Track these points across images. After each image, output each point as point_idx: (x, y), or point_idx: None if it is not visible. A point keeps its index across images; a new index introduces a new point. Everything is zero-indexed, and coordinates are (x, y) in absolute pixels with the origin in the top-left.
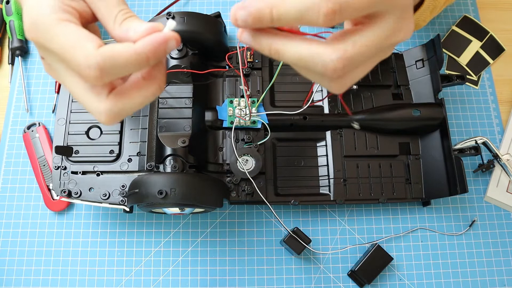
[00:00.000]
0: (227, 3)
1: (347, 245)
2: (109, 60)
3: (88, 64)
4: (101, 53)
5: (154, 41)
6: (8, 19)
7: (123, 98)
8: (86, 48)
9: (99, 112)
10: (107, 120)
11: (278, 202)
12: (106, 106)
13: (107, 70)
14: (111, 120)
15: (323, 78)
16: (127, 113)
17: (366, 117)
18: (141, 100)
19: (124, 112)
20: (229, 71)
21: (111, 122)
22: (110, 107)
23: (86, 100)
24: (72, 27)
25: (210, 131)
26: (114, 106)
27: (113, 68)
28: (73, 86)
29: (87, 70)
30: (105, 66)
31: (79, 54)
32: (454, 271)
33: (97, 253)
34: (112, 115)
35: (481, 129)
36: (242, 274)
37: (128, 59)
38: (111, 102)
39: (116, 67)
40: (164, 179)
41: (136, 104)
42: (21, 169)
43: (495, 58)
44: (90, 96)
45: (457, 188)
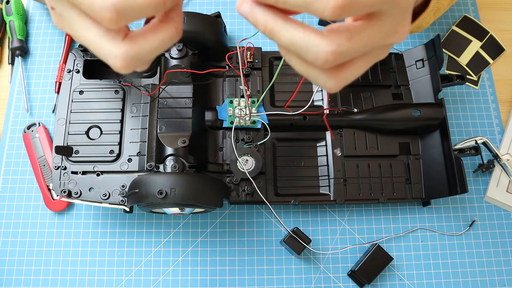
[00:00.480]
0: (227, 3)
1: (347, 245)
2: (125, 1)
3: (103, 6)
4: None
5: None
6: (8, 19)
7: (140, 41)
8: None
9: (114, 56)
10: (123, 65)
11: (278, 202)
12: (122, 49)
13: (123, 12)
14: (127, 64)
15: (313, 70)
16: (144, 57)
17: (366, 117)
18: (158, 44)
19: (141, 56)
20: (229, 71)
21: (127, 67)
22: (126, 51)
23: (100, 45)
24: None
25: (210, 131)
26: (130, 49)
27: (129, 10)
28: (86, 33)
29: (102, 12)
30: (121, 7)
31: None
32: (454, 271)
33: (97, 253)
34: (128, 59)
35: (481, 129)
36: (242, 274)
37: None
38: (127, 45)
39: (132, 8)
40: (164, 179)
41: (153, 48)
42: (21, 169)
43: (495, 58)
44: (105, 40)
45: (457, 188)
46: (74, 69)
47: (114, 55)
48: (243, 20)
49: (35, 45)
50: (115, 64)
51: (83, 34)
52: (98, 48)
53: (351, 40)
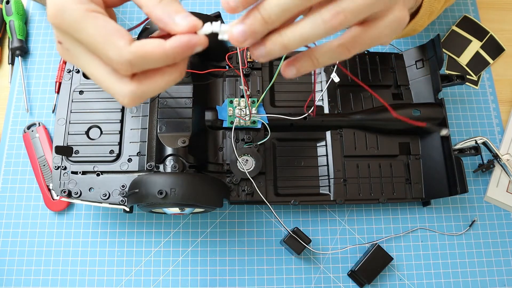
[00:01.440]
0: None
1: (347, 245)
2: (140, 58)
3: (120, 61)
4: (133, 51)
5: (185, 45)
6: (8, 19)
7: (147, 81)
8: (118, 45)
9: (122, 95)
10: (130, 102)
11: (278, 202)
12: (129, 88)
13: (137, 65)
14: (134, 102)
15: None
16: (149, 95)
17: (366, 117)
18: (163, 85)
19: (147, 95)
20: (229, 71)
21: (134, 104)
22: (133, 90)
23: (108, 83)
24: (101, 20)
25: (210, 131)
26: (138, 89)
27: (142, 64)
28: (93, 70)
29: (119, 65)
30: (136, 63)
31: (111, 50)
32: (454, 271)
33: (97, 253)
34: (135, 97)
35: (481, 129)
36: (242, 274)
37: (157, 58)
38: (134, 85)
39: (145, 63)
40: (164, 179)
41: (158, 88)
42: (21, 169)
43: (495, 58)
44: (113, 79)
45: (457, 188)
46: (74, 69)
47: (123, 94)
48: None
49: (35, 45)
50: (123, 102)
51: (91, 70)
52: (106, 85)
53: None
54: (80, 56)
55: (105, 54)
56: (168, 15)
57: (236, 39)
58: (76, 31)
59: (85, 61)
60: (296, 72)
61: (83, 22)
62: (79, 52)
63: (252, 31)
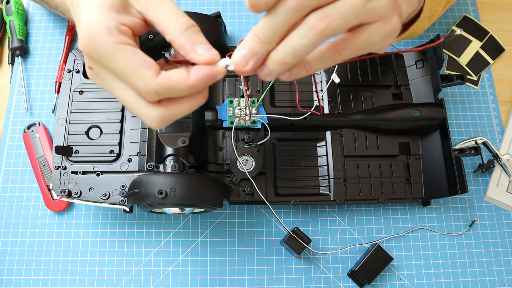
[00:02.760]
0: (227, 3)
1: (347, 245)
2: (166, 89)
3: (147, 92)
4: (159, 83)
5: (206, 76)
6: (8, 19)
7: (173, 106)
8: (145, 77)
9: (151, 119)
10: (158, 126)
11: (278, 202)
12: (157, 113)
13: (163, 95)
14: (162, 125)
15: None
16: (176, 118)
17: (366, 117)
18: (189, 108)
19: (174, 118)
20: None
21: (161, 127)
22: (161, 114)
23: (137, 107)
24: (130, 52)
25: (210, 131)
26: (165, 113)
27: (168, 94)
28: (123, 94)
29: (146, 95)
30: (162, 93)
31: (139, 82)
32: (454, 271)
33: (97, 253)
34: (163, 121)
35: (481, 129)
36: (242, 274)
37: (182, 89)
38: (162, 110)
39: (171, 93)
40: (164, 179)
41: (184, 111)
42: (21, 169)
43: (495, 58)
44: (142, 105)
45: (457, 188)
46: (74, 69)
47: (151, 118)
48: (243, 20)
49: (35, 45)
50: (151, 125)
51: (121, 95)
52: (134, 109)
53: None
54: (110, 82)
55: (133, 84)
56: (191, 45)
57: (238, 62)
58: (106, 62)
59: (114, 87)
60: (289, 76)
61: (113, 54)
62: (109, 79)
63: (251, 52)
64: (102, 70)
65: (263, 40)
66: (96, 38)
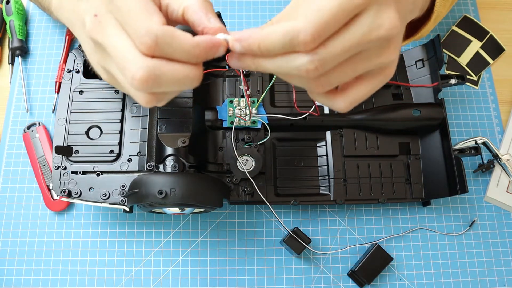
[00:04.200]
0: (227, 3)
1: (347, 245)
2: (167, 37)
3: (148, 32)
4: (163, 28)
5: (210, 42)
6: (8, 19)
7: (166, 65)
8: (152, 19)
9: (138, 66)
10: (144, 78)
11: (278, 202)
12: (148, 62)
13: (160, 45)
14: (148, 80)
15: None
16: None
17: (366, 117)
18: (180, 78)
19: (162, 80)
20: (229, 71)
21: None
22: (151, 65)
23: (127, 53)
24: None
25: (210, 131)
26: (156, 66)
27: (166, 46)
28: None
29: (145, 37)
30: (161, 41)
31: (144, 20)
32: (454, 271)
33: (97, 253)
34: (151, 74)
35: (481, 129)
36: (242, 274)
37: (183, 46)
38: (153, 61)
39: (169, 47)
40: (164, 179)
41: (176, 78)
42: (21, 169)
43: (495, 58)
44: (134, 52)
45: (457, 188)
46: (74, 69)
47: (138, 65)
48: (243, 20)
49: (35, 45)
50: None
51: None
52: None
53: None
54: (111, 27)
55: (136, 24)
56: (206, 14)
57: (233, 47)
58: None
59: (114, 33)
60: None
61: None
62: (111, 23)
63: (246, 49)
64: (108, 15)
65: (261, 52)
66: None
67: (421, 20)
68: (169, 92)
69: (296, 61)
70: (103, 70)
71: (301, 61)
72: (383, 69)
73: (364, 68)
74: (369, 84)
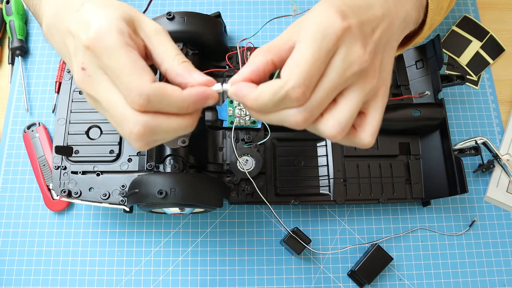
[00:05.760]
0: (227, 3)
1: (347, 245)
2: (158, 96)
3: (140, 93)
4: (154, 87)
5: (200, 94)
6: (8, 19)
7: (160, 118)
8: (143, 79)
9: (134, 123)
10: (141, 131)
11: (278, 202)
12: (143, 118)
13: (152, 103)
14: (144, 134)
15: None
16: (159, 135)
17: None
18: (175, 127)
19: (157, 132)
20: (229, 71)
21: (143, 137)
22: (147, 120)
23: (123, 110)
24: (135, 55)
25: (210, 131)
26: (151, 121)
27: (158, 103)
28: (111, 99)
29: (137, 97)
30: (153, 99)
31: (135, 81)
32: (454, 271)
33: (97, 253)
34: (147, 128)
35: (481, 129)
36: (242, 274)
37: (173, 101)
38: (148, 117)
39: (161, 103)
40: (164, 179)
41: (169, 130)
42: (21, 169)
43: (495, 58)
44: (128, 109)
45: (457, 188)
46: None
47: (135, 121)
48: (243, 20)
49: (35, 45)
50: (133, 131)
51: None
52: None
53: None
54: (101, 83)
55: (128, 84)
56: (189, 72)
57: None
58: (108, 56)
59: (103, 89)
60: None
61: (118, 51)
62: (101, 80)
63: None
64: (97, 71)
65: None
66: (107, 32)
67: (416, 30)
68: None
69: (287, 116)
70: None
71: (291, 115)
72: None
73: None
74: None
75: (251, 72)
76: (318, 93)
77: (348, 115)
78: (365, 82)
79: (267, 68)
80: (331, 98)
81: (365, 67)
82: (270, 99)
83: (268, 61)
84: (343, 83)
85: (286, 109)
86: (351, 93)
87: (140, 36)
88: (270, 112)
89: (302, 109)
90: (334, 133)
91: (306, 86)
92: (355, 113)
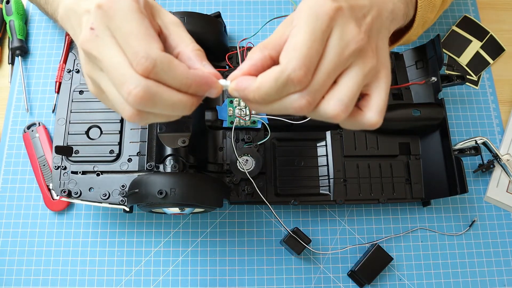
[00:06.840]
0: (227, 3)
1: (347, 245)
2: (164, 64)
3: (147, 56)
4: (162, 55)
5: (204, 79)
6: (8, 19)
7: (162, 87)
8: (151, 45)
9: (136, 83)
10: (140, 95)
11: (278, 202)
12: (145, 82)
13: (157, 70)
14: (143, 98)
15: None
16: (156, 106)
17: None
18: (175, 101)
19: (156, 101)
20: (229, 71)
21: (141, 101)
22: (148, 85)
23: (124, 73)
24: (147, 23)
25: (210, 131)
26: (152, 86)
27: (162, 72)
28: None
29: (143, 60)
30: (158, 66)
31: (144, 45)
32: (454, 271)
33: (97, 253)
34: (147, 94)
35: (481, 129)
36: (242, 274)
37: (178, 74)
38: (150, 82)
39: (165, 73)
40: (164, 179)
41: (169, 102)
42: (21, 169)
43: (495, 58)
44: (131, 71)
45: (457, 188)
46: (74, 69)
47: (135, 83)
48: (243, 20)
49: (35, 45)
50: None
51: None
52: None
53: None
54: (107, 44)
55: (136, 47)
56: (200, 59)
57: (232, 90)
58: (120, 19)
59: (110, 50)
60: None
61: (131, 14)
62: (108, 41)
63: (239, 91)
64: (105, 32)
65: (257, 101)
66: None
67: (407, 26)
68: (157, 114)
69: (290, 102)
70: (91, 81)
71: (294, 101)
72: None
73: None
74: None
75: (250, 66)
76: (319, 75)
77: (350, 93)
78: (364, 62)
79: (266, 63)
80: (332, 79)
81: (362, 45)
82: (272, 86)
83: (266, 56)
84: (343, 63)
85: (288, 96)
86: (350, 72)
87: (157, 22)
88: (273, 101)
89: (305, 93)
90: (337, 112)
91: (306, 67)
92: (357, 91)
